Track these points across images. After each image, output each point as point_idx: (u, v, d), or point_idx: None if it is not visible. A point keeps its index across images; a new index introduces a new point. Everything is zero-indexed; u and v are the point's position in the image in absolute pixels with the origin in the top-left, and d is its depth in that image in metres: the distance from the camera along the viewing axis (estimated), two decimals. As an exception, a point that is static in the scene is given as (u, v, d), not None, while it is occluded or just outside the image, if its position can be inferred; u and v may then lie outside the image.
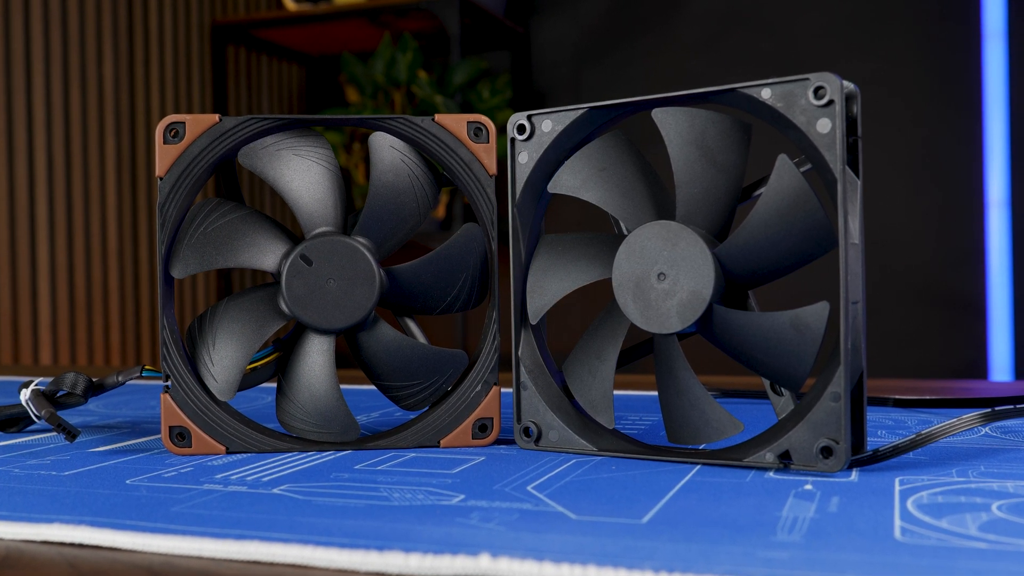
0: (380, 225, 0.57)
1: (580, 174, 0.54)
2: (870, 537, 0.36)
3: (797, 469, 0.48)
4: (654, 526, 0.38)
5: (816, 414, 0.47)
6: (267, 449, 0.56)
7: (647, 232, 0.51)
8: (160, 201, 0.55)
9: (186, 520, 0.40)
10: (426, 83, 2.34)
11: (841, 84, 0.46)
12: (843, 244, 0.47)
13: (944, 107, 2.28)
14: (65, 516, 0.41)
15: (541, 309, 0.56)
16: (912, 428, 0.62)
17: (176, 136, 0.55)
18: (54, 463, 0.54)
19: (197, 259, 0.56)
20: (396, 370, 0.57)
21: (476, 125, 0.57)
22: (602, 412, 0.54)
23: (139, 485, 0.47)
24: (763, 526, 0.38)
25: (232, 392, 0.56)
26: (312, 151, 0.57)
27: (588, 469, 0.50)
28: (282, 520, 0.40)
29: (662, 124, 0.51)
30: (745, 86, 0.49)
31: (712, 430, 0.50)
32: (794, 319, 0.47)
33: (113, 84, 2.14)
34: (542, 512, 0.41)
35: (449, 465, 0.51)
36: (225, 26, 2.45)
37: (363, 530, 0.38)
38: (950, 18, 2.27)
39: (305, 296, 0.55)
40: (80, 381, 0.60)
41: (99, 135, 2.11)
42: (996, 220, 2.27)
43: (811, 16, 2.37)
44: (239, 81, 2.54)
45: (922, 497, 0.42)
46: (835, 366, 0.47)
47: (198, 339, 0.56)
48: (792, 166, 0.47)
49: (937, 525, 0.38)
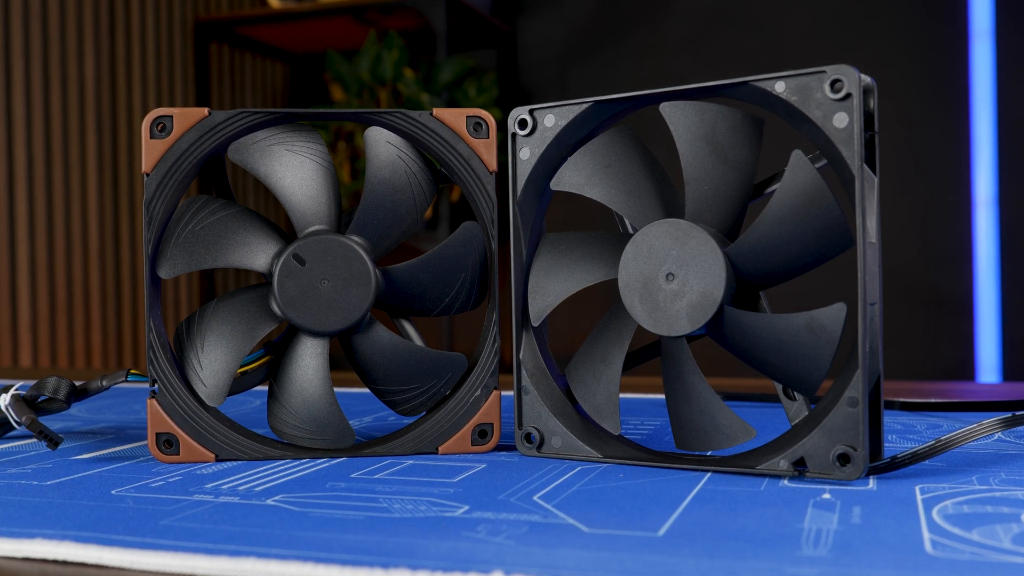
0: (376, 223, 0.55)
1: (584, 170, 0.52)
2: (900, 551, 0.34)
3: (812, 477, 0.46)
4: (672, 539, 0.36)
5: (833, 419, 0.45)
6: (258, 457, 0.54)
7: (655, 231, 0.49)
8: (146, 198, 0.53)
9: (176, 534, 0.38)
10: (412, 81, 2.31)
11: (859, 77, 0.45)
12: (861, 243, 0.45)
13: (931, 106, 2.27)
14: (48, 531, 0.39)
15: (543, 311, 0.54)
16: (922, 432, 0.60)
17: (163, 130, 0.53)
18: (35, 472, 0.51)
19: (185, 259, 0.53)
20: (392, 374, 0.55)
21: (476, 120, 0.55)
22: (607, 417, 0.52)
23: (125, 496, 0.45)
24: (786, 539, 0.36)
25: (222, 397, 0.53)
26: (305, 146, 0.55)
27: (595, 477, 0.48)
28: (279, 534, 0.38)
29: (670, 118, 0.49)
30: (758, 79, 0.47)
31: (723, 436, 0.49)
32: (809, 321, 0.46)
33: (95, 82, 2.11)
34: (552, 524, 0.39)
35: (449, 473, 0.49)
36: (208, 23, 2.42)
37: (365, 545, 0.36)
38: (937, 17, 2.26)
39: (298, 297, 0.53)
40: (63, 386, 0.58)
41: (80, 133, 2.07)
42: (983, 219, 2.26)
43: (798, 15, 2.36)
44: (222, 79, 2.51)
45: (947, 507, 0.40)
46: (852, 370, 0.45)
47: (186, 342, 0.54)
48: (807, 162, 0.45)
49: (968, 537, 0.36)
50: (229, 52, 2.54)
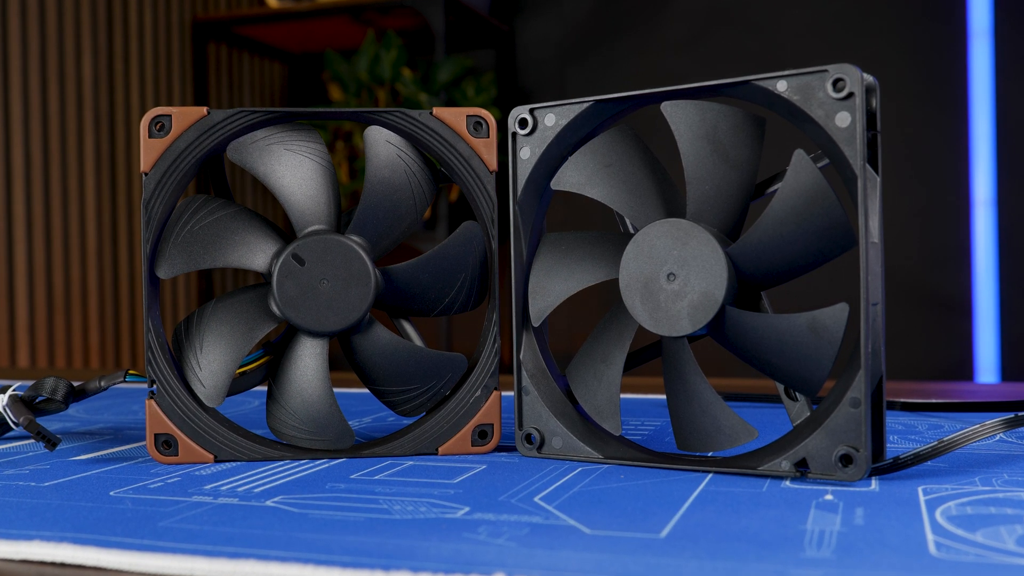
0: (375, 223, 0.54)
1: (585, 170, 0.52)
2: (904, 553, 0.34)
3: (815, 478, 0.46)
4: (674, 541, 0.36)
5: (835, 420, 0.45)
6: (257, 457, 0.53)
7: (656, 230, 0.49)
8: (145, 198, 0.53)
9: (175, 536, 0.38)
10: (410, 81, 2.31)
11: (862, 76, 0.44)
12: (863, 244, 0.45)
13: (929, 106, 2.27)
14: (45, 532, 0.38)
15: (544, 311, 0.53)
16: (924, 433, 0.60)
17: (162, 130, 0.53)
18: (33, 473, 0.51)
19: (184, 259, 0.53)
20: (392, 374, 0.55)
21: (476, 119, 0.55)
22: (608, 418, 0.51)
23: (124, 497, 0.45)
24: (789, 541, 0.36)
25: (221, 398, 0.53)
26: (304, 146, 0.54)
27: (596, 478, 0.48)
28: (278, 535, 0.38)
29: (672, 118, 0.49)
30: (760, 78, 0.47)
31: (725, 437, 0.48)
32: (811, 321, 0.45)
33: (92, 81, 2.10)
34: (553, 526, 0.38)
35: (449, 474, 0.49)
36: (206, 23, 2.41)
37: (365, 547, 0.36)
38: (936, 17, 2.26)
39: (297, 297, 0.53)
40: (60, 386, 0.58)
41: (78, 133, 2.07)
42: (982, 219, 2.26)
43: (796, 15, 2.36)
44: (220, 79, 2.50)
45: (950, 508, 0.40)
46: (854, 370, 0.45)
47: (185, 342, 0.54)
48: (809, 162, 0.45)
49: (972, 539, 0.36)
50: (227, 52, 2.53)
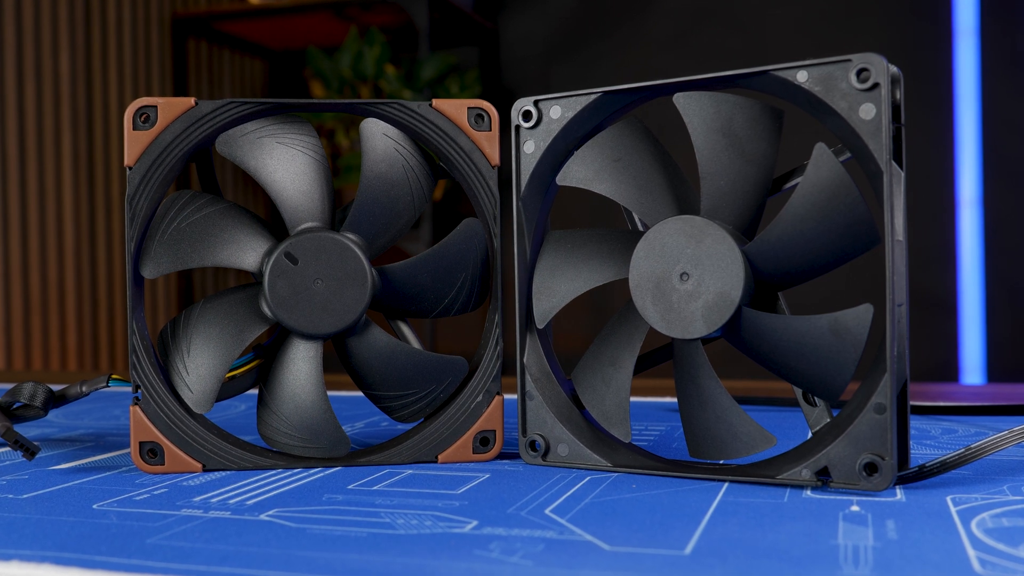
0: (372, 220, 0.52)
1: (592, 165, 0.50)
2: (948, 571, 0.32)
3: (837, 487, 0.44)
4: (700, 558, 0.34)
5: (858, 427, 0.43)
6: (248, 466, 0.51)
7: (668, 228, 0.47)
8: (129, 193, 0.50)
9: (165, 554, 0.35)
10: (394, 78, 2.28)
11: (887, 66, 0.42)
12: (889, 242, 0.43)
13: (914, 105, 2.26)
14: (25, 551, 0.36)
15: (549, 312, 0.51)
16: (938, 438, 0.58)
17: (147, 121, 0.50)
18: (11, 484, 0.48)
19: (170, 257, 0.50)
20: (389, 378, 0.52)
21: (477, 111, 0.52)
22: (617, 424, 0.49)
23: (108, 511, 0.42)
24: (822, 557, 0.33)
25: (209, 404, 0.50)
26: (297, 139, 0.52)
27: (607, 488, 0.45)
28: (276, 553, 0.35)
29: (685, 110, 0.47)
30: (779, 68, 0.45)
31: (741, 444, 0.46)
32: (834, 323, 0.43)
33: (69, 78, 2.06)
34: (569, 541, 0.36)
35: (452, 484, 0.47)
36: (186, 19, 2.38)
37: (371, 566, 0.33)
38: (921, 16, 2.26)
39: (290, 298, 0.50)
40: (40, 392, 0.55)
41: (55, 130, 2.03)
42: (967, 219, 2.26)
43: (781, 12, 2.34)
44: (200, 75, 2.47)
45: (984, 520, 0.38)
46: (878, 375, 0.43)
47: (171, 345, 0.51)
48: (831, 156, 0.43)
49: (1015, 555, 0.34)
50: (207, 48, 2.50)
